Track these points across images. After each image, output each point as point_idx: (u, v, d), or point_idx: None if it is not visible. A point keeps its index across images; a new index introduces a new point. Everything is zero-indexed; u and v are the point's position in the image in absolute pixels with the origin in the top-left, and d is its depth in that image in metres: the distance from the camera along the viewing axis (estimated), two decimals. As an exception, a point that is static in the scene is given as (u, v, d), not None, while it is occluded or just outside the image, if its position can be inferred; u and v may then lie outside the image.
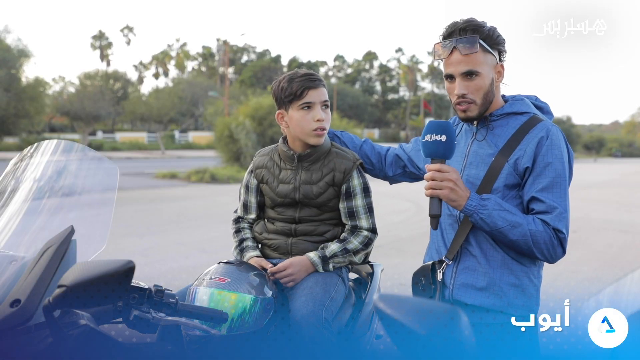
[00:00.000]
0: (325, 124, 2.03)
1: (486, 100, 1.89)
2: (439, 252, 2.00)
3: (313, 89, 2.02)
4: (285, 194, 2.10)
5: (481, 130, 1.95)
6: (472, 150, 1.95)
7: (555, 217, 1.79)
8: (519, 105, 1.94)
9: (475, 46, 1.83)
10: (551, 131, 1.85)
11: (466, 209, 1.79)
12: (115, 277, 1.14)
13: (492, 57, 1.88)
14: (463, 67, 1.85)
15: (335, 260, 2.05)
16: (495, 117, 1.93)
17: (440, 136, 1.76)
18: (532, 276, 1.89)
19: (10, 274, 1.31)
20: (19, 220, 1.47)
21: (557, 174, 1.81)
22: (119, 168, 1.75)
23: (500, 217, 1.78)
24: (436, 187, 1.77)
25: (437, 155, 1.78)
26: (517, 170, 1.85)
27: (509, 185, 1.86)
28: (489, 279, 1.87)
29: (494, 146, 1.90)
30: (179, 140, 51.73)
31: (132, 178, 18.71)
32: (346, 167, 2.08)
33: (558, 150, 1.83)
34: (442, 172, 1.77)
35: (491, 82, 1.88)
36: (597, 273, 6.68)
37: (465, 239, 1.91)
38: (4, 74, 28.62)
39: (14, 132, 33.19)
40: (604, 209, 12.76)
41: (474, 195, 1.80)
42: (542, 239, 1.78)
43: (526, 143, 1.85)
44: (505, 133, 1.90)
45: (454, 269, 1.92)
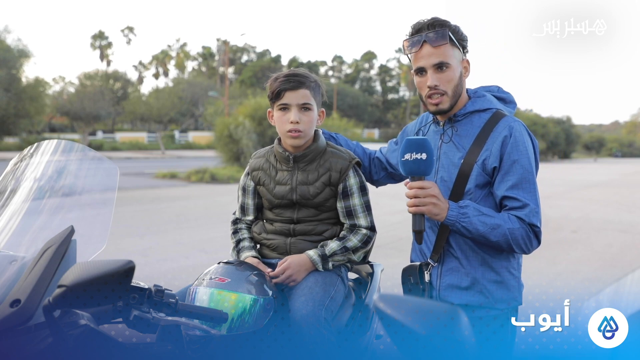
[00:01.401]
0: (300, 127, 2.02)
1: (456, 92, 1.95)
2: (423, 252, 2.07)
3: (290, 90, 2.02)
4: (282, 195, 2.10)
5: (447, 132, 2.01)
6: (443, 152, 2.01)
7: (530, 213, 1.86)
8: (480, 102, 2.00)
9: (445, 38, 1.90)
10: (514, 128, 1.91)
11: (448, 219, 1.85)
12: (115, 277, 1.14)
13: (458, 51, 1.95)
14: (434, 59, 1.91)
15: (335, 258, 2.05)
16: (460, 117, 1.99)
17: (421, 154, 1.78)
18: (512, 269, 1.98)
19: (10, 274, 1.31)
20: (19, 220, 1.47)
21: (525, 170, 1.88)
22: (119, 168, 1.75)
23: (481, 222, 1.84)
24: (419, 204, 1.82)
25: (417, 173, 1.82)
26: (485, 170, 1.91)
27: (480, 185, 1.93)
28: (471, 279, 1.95)
29: (461, 148, 1.96)
30: (179, 140, 51.74)
31: (132, 178, 18.71)
32: (342, 167, 2.08)
33: (523, 146, 1.89)
34: (424, 188, 1.82)
35: (460, 76, 1.95)
36: (597, 273, 6.68)
37: (447, 242, 1.98)
38: (4, 74, 28.61)
39: (14, 132, 33.18)
40: (604, 209, 12.76)
41: (452, 205, 1.86)
42: (520, 235, 1.86)
43: (491, 142, 1.91)
44: (470, 133, 1.96)
45: (439, 270, 2.00)
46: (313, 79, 2.09)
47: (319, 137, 2.13)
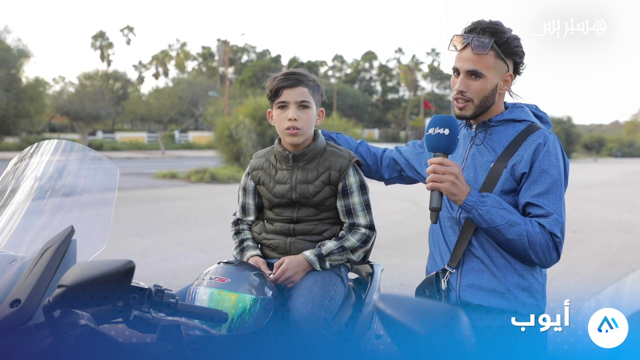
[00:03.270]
0: (298, 124, 2.03)
1: (484, 103, 1.91)
2: (443, 257, 1.98)
3: (288, 88, 2.03)
4: (282, 195, 2.10)
5: (479, 135, 1.97)
6: (471, 154, 1.96)
7: (552, 222, 1.81)
8: (518, 112, 1.96)
9: (486, 48, 1.85)
10: (549, 139, 1.87)
11: (465, 204, 1.80)
12: (115, 277, 1.14)
13: (503, 64, 1.89)
14: (470, 65, 1.87)
15: (332, 258, 2.05)
16: (494, 122, 1.95)
17: (444, 130, 1.77)
18: (536, 274, 1.91)
19: (10, 274, 1.31)
20: (19, 220, 1.47)
21: (553, 180, 1.84)
22: (119, 168, 1.75)
23: (499, 215, 1.79)
24: (437, 180, 1.78)
25: (439, 148, 1.79)
26: (514, 176, 1.87)
27: (506, 191, 1.88)
28: (495, 280, 1.88)
29: (492, 152, 1.92)
30: (179, 140, 51.74)
31: (132, 178, 18.71)
32: (342, 165, 2.08)
33: (555, 157, 1.86)
34: (444, 165, 1.78)
35: (494, 88, 1.90)
36: (597, 273, 6.68)
37: (469, 242, 1.91)
38: (4, 74, 28.61)
39: (14, 132, 33.18)
40: (604, 209, 12.76)
41: (474, 191, 1.81)
42: (538, 240, 1.80)
43: (524, 149, 1.87)
44: (503, 139, 1.92)
45: (459, 271, 1.93)
46: (312, 78, 2.10)
47: (318, 136, 2.13)
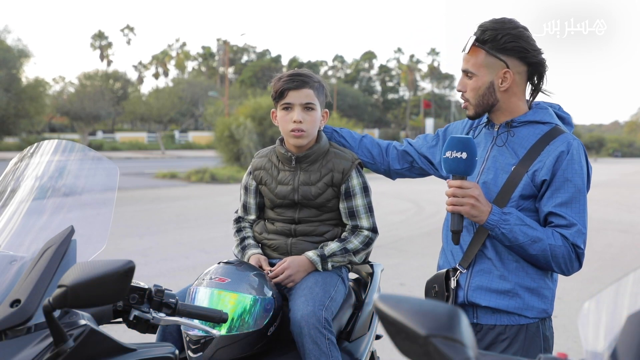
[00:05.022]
0: (303, 126, 2.02)
1: (482, 102, 1.88)
2: (455, 255, 1.96)
3: (294, 89, 2.02)
4: (284, 195, 2.10)
5: (502, 136, 1.92)
6: (492, 155, 1.92)
7: (575, 233, 1.78)
8: (542, 114, 1.91)
9: (468, 48, 1.85)
10: (572, 145, 1.82)
11: (488, 223, 1.77)
12: (115, 277, 1.14)
13: (497, 61, 1.84)
14: (463, 65, 1.89)
15: (335, 259, 2.04)
16: (517, 123, 1.90)
17: (461, 153, 1.73)
18: (547, 279, 1.88)
19: (10, 274, 1.31)
20: (19, 220, 1.47)
21: (577, 189, 1.80)
22: (119, 168, 1.75)
23: (522, 232, 1.76)
24: (457, 204, 1.76)
25: (457, 172, 1.77)
26: (534, 182, 1.83)
27: (525, 196, 1.84)
28: (504, 282, 1.85)
29: (514, 155, 1.87)
30: (179, 140, 51.75)
31: (132, 178, 18.71)
32: (345, 167, 2.07)
33: (579, 165, 1.81)
34: (464, 188, 1.76)
35: (488, 86, 1.86)
36: (597, 273, 6.68)
37: (482, 244, 1.88)
38: (4, 74, 28.59)
39: (14, 132, 33.15)
40: (604, 209, 12.76)
41: (495, 209, 1.78)
42: (561, 253, 1.77)
43: (546, 155, 1.82)
44: (526, 142, 1.87)
45: (469, 272, 1.90)
46: (317, 79, 2.09)
47: (321, 138, 2.12)
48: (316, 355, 1.81)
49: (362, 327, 2.19)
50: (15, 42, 31.80)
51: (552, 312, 1.90)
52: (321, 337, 1.82)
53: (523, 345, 1.84)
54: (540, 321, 1.87)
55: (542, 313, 1.86)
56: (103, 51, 68.75)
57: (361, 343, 2.17)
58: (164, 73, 71.91)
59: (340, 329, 2.09)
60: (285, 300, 1.99)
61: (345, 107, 56.81)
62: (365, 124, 60.04)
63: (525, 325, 1.85)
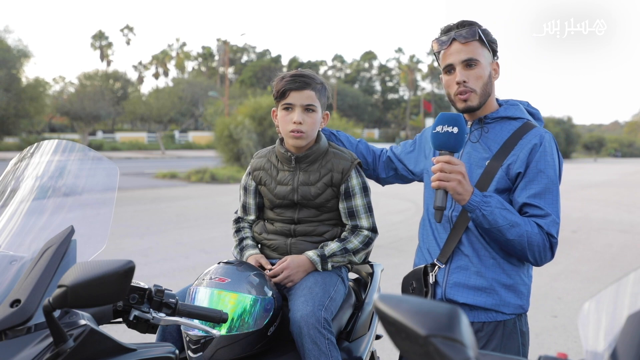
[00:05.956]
0: (302, 127, 2.02)
1: (485, 91, 1.90)
2: (432, 252, 1.99)
3: (295, 90, 2.02)
4: (283, 196, 2.10)
5: (475, 132, 1.95)
6: (466, 152, 1.95)
7: (550, 223, 1.81)
8: (513, 110, 1.95)
9: (474, 35, 1.86)
10: (544, 138, 1.86)
11: (469, 204, 1.78)
12: (115, 277, 1.14)
13: (488, 52, 1.90)
14: (463, 55, 1.88)
15: (335, 259, 2.05)
16: (490, 119, 1.94)
17: (452, 128, 1.75)
18: (523, 275, 1.91)
19: (10, 274, 1.31)
20: (19, 220, 1.47)
21: (550, 181, 1.83)
22: (119, 168, 1.75)
23: (502, 216, 1.78)
24: (444, 179, 1.75)
25: (446, 147, 1.77)
26: (509, 175, 1.86)
27: (500, 189, 1.87)
28: (481, 278, 1.88)
29: (488, 150, 1.91)
30: (179, 140, 51.75)
31: (132, 178, 18.71)
32: (344, 167, 2.07)
33: (551, 157, 1.85)
34: (452, 164, 1.76)
35: (489, 75, 1.91)
36: (597, 273, 6.68)
37: (459, 240, 1.91)
38: (4, 74, 28.60)
39: (14, 132, 33.19)
40: (604, 209, 12.76)
41: (477, 192, 1.80)
42: (536, 241, 1.79)
43: (519, 149, 1.86)
44: (499, 137, 1.91)
45: (447, 269, 1.93)
46: (319, 80, 2.08)
47: (321, 138, 2.12)
48: (316, 355, 1.81)
49: (362, 327, 2.19)
50: (16, 42, 31.84)
51: (528, 308, 1.93)
52: (321, 337, 1.82)
53: (501, 342, 1.87)
54: (517, 317, 1.90)
55: (518, 309, 1.89)
56: (103, 51, 68.76)
57: (361, 343, 2.17)
58: (164, 73, 71.93)
59: (340, 329, 2.09)
60: (285, 301, 1.99)
61: (345, 107, 56.80)
62: (365, 124, 60.07)
63: (502, 322, 1.88)
